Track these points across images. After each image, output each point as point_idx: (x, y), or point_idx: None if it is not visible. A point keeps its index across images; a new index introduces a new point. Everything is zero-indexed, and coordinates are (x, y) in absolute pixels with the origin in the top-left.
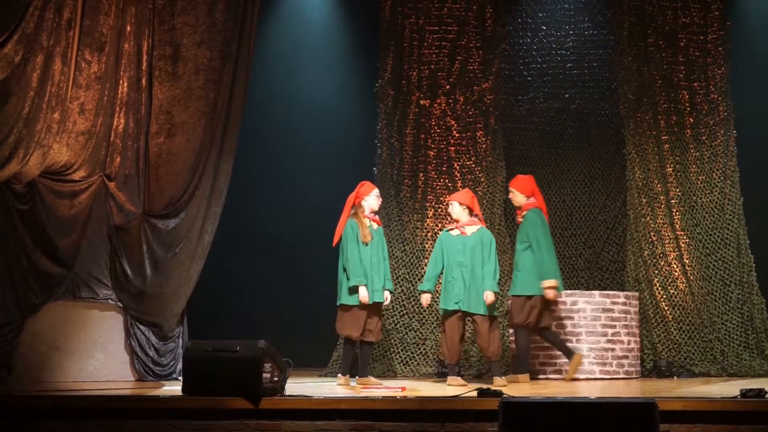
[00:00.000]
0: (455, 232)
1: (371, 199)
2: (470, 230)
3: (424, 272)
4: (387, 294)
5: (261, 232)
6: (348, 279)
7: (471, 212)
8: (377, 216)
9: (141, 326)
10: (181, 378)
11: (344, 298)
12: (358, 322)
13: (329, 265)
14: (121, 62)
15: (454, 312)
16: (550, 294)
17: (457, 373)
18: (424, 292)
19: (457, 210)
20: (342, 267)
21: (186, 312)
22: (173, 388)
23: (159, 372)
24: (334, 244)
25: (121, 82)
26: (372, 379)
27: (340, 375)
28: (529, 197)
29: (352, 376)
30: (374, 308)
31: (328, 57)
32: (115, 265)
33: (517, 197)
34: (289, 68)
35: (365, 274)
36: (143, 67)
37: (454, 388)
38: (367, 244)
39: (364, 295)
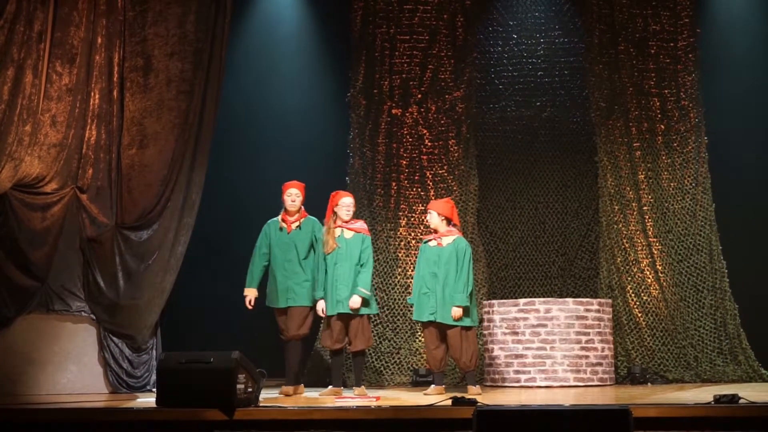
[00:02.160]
0: (432, 243)
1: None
2: (446, 241)
3: (398, 281)
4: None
5: (234, 243)
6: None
7: (449, 222)
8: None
9: (114, 338)
10: (155, 390)
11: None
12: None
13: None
14: (93, 74)
15: (429, 323)
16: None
17: (440, 382)
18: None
19: (435, 220)
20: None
21: (159, 323)
22: (147, 400)
23: (133, 384)
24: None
25: (92, 93)
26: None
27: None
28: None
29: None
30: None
31: (299, 67)
32: (88, 277)
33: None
34: (261, 78)
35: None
36: (115, 79)
37: (430, 396)
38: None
39: (321, 307)
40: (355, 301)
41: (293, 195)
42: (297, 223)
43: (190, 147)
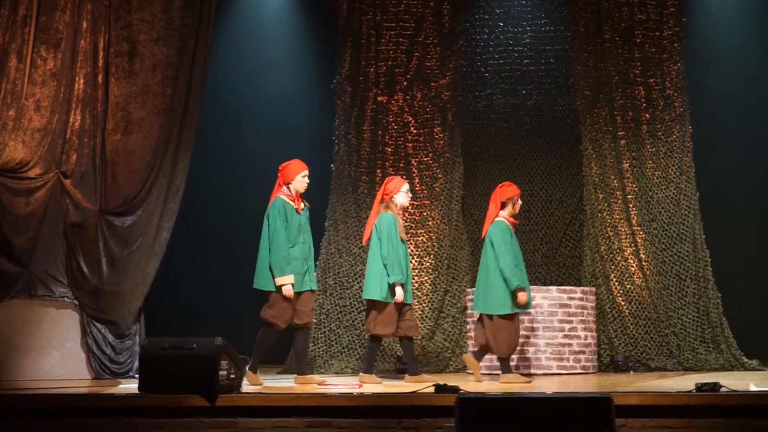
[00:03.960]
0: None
1: (401, 196)
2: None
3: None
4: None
5: (218, 229)
6: (388, 275)
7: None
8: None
9: (97, 324)
10: (137, 376)
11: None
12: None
13: None
14: (77, 59)
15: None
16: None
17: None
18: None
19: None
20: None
21: (143, 309)
22: (130, 386)
23: (116, 370)
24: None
25: (77, 78)
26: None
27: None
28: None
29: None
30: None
31: (285, 53)
32: (72, 262)
33: None
34: (247, 65)
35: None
36: (100, 64)
37: (411, 384)
38: (404, 241)
39: (400, 294)
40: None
41: (307, 176)
42: (302, 205)
43: (175, 133)
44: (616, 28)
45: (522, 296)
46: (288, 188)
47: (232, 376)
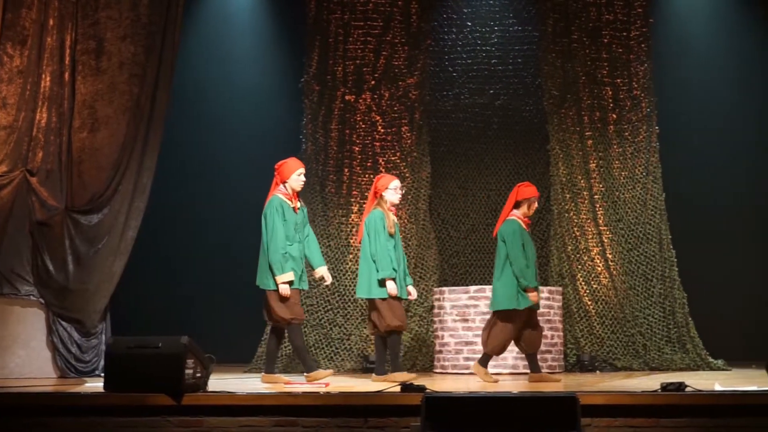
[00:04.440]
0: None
1: (389, 193)
2: None
3: (349, 268)
4: (411, 288)
5: (185, 228)
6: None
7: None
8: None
9: (63, 322)
10: (103, 374)
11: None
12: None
13: (255, 260)
14: (44, 56)
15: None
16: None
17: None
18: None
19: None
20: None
21: (109, 308)
22: (96, 385)
23: (81, 368)
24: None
25: (43, 76)
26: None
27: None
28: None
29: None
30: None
31: (253, 52)
32: (37, 260)
33: None
34: (215, 63)
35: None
36: (66, 62)
37: (380, 383)
38: (392, 235)
39: (392, 287)
40: (413, 292)
41: (303, 174)
42: (299, 204)
43: (142, 131)
44: (583, 29)
45: (533, 296)
46: (284, 187)
47: (198, 374)
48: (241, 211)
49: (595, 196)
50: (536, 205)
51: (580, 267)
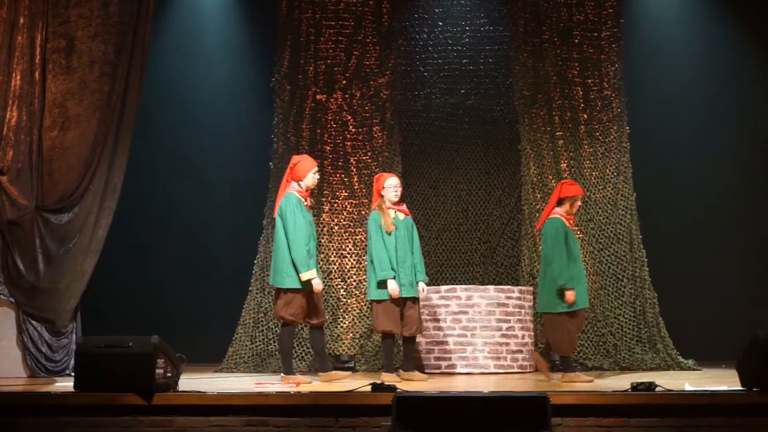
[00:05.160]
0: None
1: (386, 191)
2: None
3: (321, 267)
4: (422, 285)
5: (156, 227)
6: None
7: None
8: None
9: (33, 322)
10: (74, 374)
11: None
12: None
13: (225, 260)
14: (14, 55)
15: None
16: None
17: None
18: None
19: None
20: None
21: (79, 307)
22: (66, 384)
23: (52, 368)
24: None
25: (14, 75)
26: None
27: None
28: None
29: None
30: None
31: (224, 51)
32: (7, 260)
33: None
34: (186, 61)
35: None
36: (37, 60)
37: (347, 383)
38: (390, 234)
39: (393, 287)
40: (424, 289)
41: (318, 172)
42: (310, 201)
43: (113, 130)
44: (554, 29)
45: (569, 295)
46: (299, 184)
47: (169, 374)
48: (212, 210)
49: None
50: (579, 203)
51: None
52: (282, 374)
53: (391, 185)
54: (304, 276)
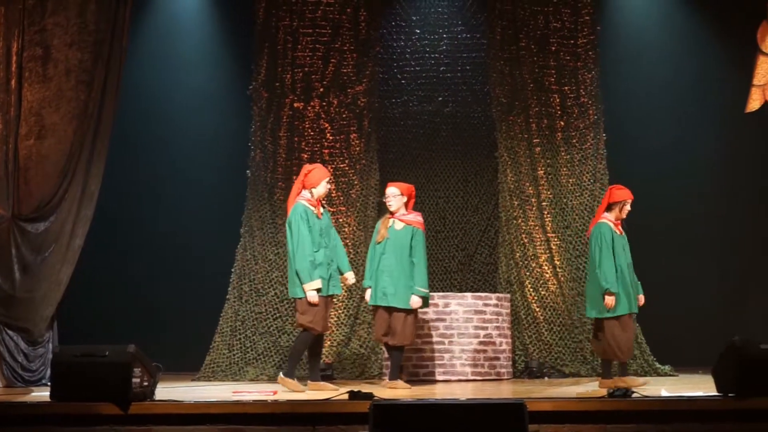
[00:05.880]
0: (617, 232)
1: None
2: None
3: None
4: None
5: (133, 235)
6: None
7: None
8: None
9: (9, 331)
10: (50, 384)
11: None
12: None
13: (202, 269)
14: None
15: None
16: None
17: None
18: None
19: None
20: None
21: (56, 316)
22: (42, 394)
23: (28, 378)
24: None
25: None
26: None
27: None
28: None
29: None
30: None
31: (202, 58)
32: None
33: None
34: (163, 69)
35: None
36: (13, 68)
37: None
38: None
39: (366, 297)
40: (415, 302)
41: (331, 181)
42: (321, 209)
43: (89, 138)
44: (531, 36)
45: (608, 299)
46: (309, 193)
47: (145, 383)
48: (189, 219)
49: (543, 203)
50: (628, 207)
51: (528, 274)
52: (281, 374)
53: (388, 194)
54: (306, 287)
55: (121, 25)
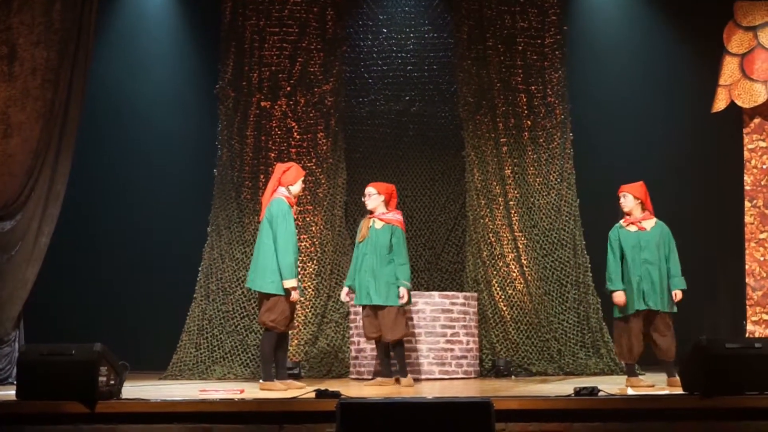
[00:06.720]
0: (632, 228)
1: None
2: (648, 225)
3: None
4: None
5: (98, 234)
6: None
7: (644, 205)
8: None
9: None
10: (16, 383)
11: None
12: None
13: (169, 268)
14: None
15: (641, 312)
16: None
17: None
18: (617, 290)
19: (630, 203)
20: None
21: (22, 315)
22: (8, 393)
23: None
24: None
25: None
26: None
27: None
28: None
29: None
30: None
31: (168, 57)
32: None
33: None
34: (129, 68)
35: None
36: None
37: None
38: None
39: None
40: (402, 294)
41: (305, 180)
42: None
43: (55, 137)
44: (498, 36)
45: (615, 297)
46: (287, 190)
47: (112, 382)
48: (156, 217)
49: (510, 203)
50: (621, 200)
51: (495, 273)
52: (260, 380)
53: (364, 194)
54: (287, 284)
55: (87, 24)
